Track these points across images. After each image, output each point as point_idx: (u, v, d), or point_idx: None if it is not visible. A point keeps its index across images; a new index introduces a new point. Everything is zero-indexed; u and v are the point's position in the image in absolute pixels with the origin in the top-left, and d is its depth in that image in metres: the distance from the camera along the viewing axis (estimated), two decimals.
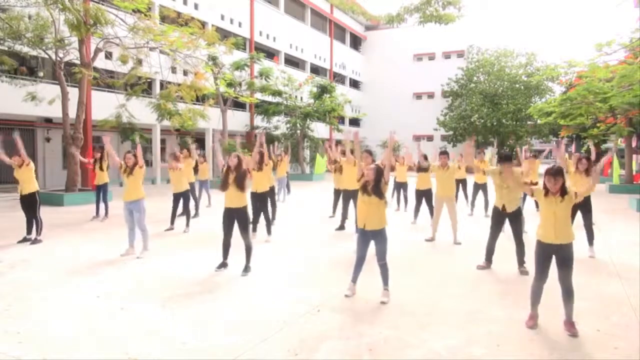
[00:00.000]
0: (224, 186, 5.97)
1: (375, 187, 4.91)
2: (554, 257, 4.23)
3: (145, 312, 4.61)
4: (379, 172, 4.95)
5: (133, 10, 14.04)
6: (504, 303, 4.86)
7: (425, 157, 9.38)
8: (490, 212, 8.09)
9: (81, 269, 6.19)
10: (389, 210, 11.97)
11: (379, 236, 4.98)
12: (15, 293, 5.16)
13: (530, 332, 4.15)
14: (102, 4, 14.80)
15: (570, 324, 4.15)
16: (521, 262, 6.11)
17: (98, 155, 10.77)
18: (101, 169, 10.61)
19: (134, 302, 4.86)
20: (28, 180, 7.91)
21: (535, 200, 12.41)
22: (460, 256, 7.02)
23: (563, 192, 4.18)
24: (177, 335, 4.03)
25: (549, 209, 4.24)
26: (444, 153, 8.16)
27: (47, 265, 6.42)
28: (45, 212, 10.87)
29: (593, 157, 7.20)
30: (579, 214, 7.16)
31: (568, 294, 4.16)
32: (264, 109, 25.53)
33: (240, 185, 5.94)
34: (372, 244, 5.04)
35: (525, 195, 11.45)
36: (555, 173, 4.16)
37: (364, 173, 5.02)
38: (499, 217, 6.26)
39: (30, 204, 7.99)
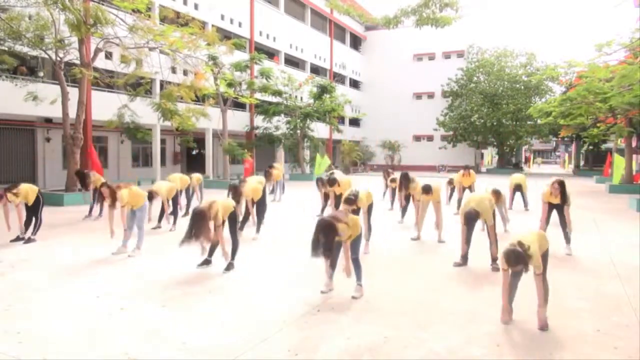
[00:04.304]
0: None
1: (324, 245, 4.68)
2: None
3: (145, 312, 4.61)
4: (329, 232, 4.65)
5: (133, 10, 14.03)
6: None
7: (406, 177, 9.29)
8: None
9: (81, 269, 6.19)
10: (385, 209, 12.09)
11: (355, 237, 5.11)
12: (15, 293, 5.17)
13: (530, 332, 4.15)
14: (102, 4, 14.80)
15: (540, 318, 4.23)
16: (494, 259, 6.28)
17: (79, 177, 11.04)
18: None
19: (134, 302, 4.86)
20: (25, 196, 7.91)
21: (523, 198, 12.52)
22: (459, 257, 7.00)
23: (526, 267, 4.17)
24: (177, 335, 4.03)
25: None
26: (426, 192, 8.11)
27: (47, 265, 6.42)
28: (45, 212, 10.83)
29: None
30: (554, 212, 7.18)
31: (541, 290, 4.23)
32: (264, 109, 25.52)
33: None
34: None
35: (513, 195, 11.71)
36: (516, 262, 4.05)
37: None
38: (471, 219, 6.39)
39: (35, 207, 8.09)
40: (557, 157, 64.67)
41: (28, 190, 7.98)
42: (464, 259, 6.55)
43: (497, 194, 8.37)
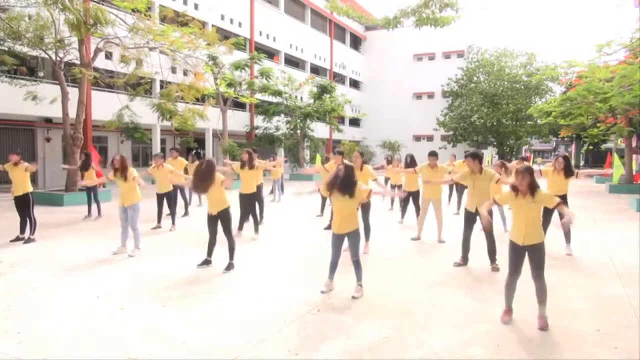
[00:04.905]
0: (195, 189, 6.15)
1: (344, 183, 4.93)
2: (526, 254, 4.31)
3: (145, 312, 4.61)
4: (349, 169, 5.01)
5: (132, 10, 14.03)
6: (503, 303, 4.85)
7: (413, 158, 9.41)
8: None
9: (81, 269, 6.19)
10: (383, 209, 12.09)
11: (353, 235, 5.12)
12: (15, 293, 5.17)
13: (530, 332, 4.14)
14: (102, 4, 14.79)
15: (540, 318, 4.24)
16: (492, 259, 6.29)
17: (83, 157, 10.88)
18: (90, 168, 10.73)
19: (134, 302, 4.86)
20: (21, 181, 7.92)
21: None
22: (458, 257, 7.00)
23: (532, 191, 4.19)
24: (177, 335, 4.03)
25: (519, 210, 4.31)
26: (432, 154, 8.17)
27: (47, 265, 6.42)
28: (45, 212, 10.89)
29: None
30: (556, 213, 7.15)
31: (541, 290, 4.25)
32: (264, 109, 25.53)
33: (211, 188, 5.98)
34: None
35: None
36: (524, 171, 4.22)
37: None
38: (470, 218, 6.42)
39: (23, 205, 8.00)
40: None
41: (27, 177, 7.98)
42: (465, 251, 6.48)
43: (503, 164, 8.47)
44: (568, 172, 7.11)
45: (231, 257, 6.20)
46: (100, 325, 4.25)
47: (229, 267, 6.12)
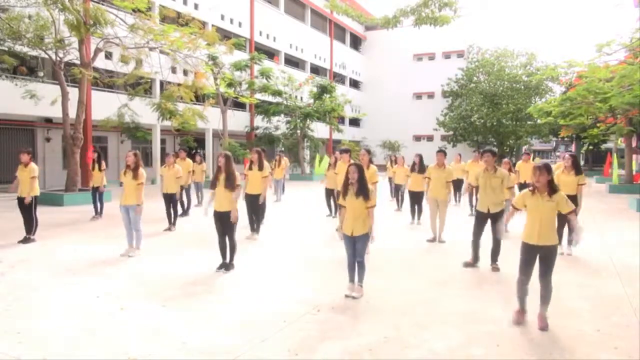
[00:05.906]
0: (213, 184, 6.17)
1: (360, 188, 4.96)
2: (538, 256, 4.27)
3: (145, 312, 4.61)
4: (361, 169, 5.02)
5: (133, 10, 14.03)
6: (504, 303, 4.85)
7: (421, 159, 9.45)
8: None
9: (81, 269, 6.19)
10: (390, 209, 12.09)
11: (363, 237, 5.10)
12: (15, 293, 5.16)
13: (530, 332, 4.15)
14: (102, 4, 14.79)
15: (541, 318, 4.22)
16: (494, 259, 6.28)
17: (95, 155, 10.80)
18: (99, 169, 10.65)
19: (134, 302, 4.86)
20: (28, 183, 7.88)
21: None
22: (459, 257, 6.99)
23: (551, 191, 4.17)
24: (177, 335, 4.03)
25: (534, 209, 4.25)
26: (441, 151, 8.16)
27: (47, 265, 6.42)
28: (45, 212, 10.89)
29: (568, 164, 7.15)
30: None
31: (546, 290, 4.23)
32: (264, 109, 25.53)
33: (229, 185, 6.04)
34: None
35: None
36: (541, 167, 4.18)
37: (348, 174, 5.07)
38: (482, 218, 6.38)
39: (27, 206, 7.95)
40: (556, 157, 64.71)
41: (35, 180, 7.94)
42: (475, 251, 6.41)
43: (508, 163, 8.62)
44: (578, 170, 7.02)
45: (231, 258, 6.20)
46: (100, 325, 4.25)
47: (229, 267, 6.13)
